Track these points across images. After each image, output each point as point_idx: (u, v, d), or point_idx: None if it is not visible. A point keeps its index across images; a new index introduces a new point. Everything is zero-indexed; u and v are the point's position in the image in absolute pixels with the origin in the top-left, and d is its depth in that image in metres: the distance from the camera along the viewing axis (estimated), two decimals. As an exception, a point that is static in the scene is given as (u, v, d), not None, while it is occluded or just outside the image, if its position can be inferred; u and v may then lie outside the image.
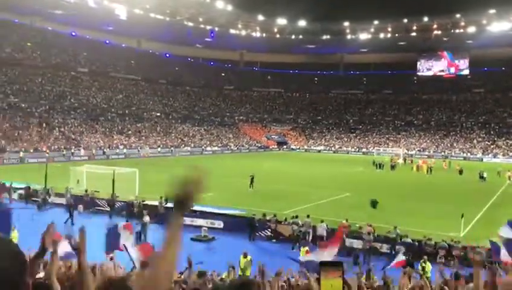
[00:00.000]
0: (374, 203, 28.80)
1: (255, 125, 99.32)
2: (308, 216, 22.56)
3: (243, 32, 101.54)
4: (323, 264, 2.82)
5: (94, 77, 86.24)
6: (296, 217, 22.77)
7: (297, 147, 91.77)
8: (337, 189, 36.04)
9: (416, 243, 20.09)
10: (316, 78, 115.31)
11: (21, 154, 52.86)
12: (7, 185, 29.70)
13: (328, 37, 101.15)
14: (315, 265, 8.15)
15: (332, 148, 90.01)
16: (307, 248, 17.56)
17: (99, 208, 27.18)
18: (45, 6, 78.15)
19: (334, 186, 37.56)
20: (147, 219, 21.67)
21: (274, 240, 22.21)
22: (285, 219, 23.09)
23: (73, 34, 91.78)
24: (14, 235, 13.18)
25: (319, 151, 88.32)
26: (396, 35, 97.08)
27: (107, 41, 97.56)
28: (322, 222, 21.75)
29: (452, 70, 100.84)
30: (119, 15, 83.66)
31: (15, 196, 29.45)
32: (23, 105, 67.04)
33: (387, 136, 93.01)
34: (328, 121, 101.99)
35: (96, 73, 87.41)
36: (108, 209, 26.49)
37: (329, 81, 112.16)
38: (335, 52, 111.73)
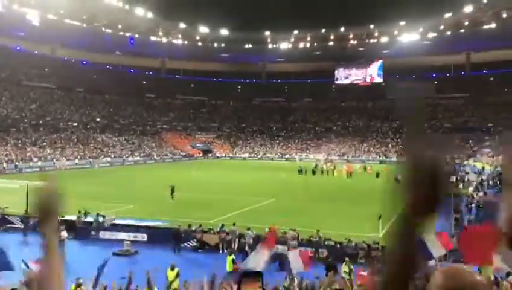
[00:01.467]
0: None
1: (179, 134, 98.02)
2: (234, 224, 22.58)
3: (164, 40, 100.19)
4: (245, 275, 2.80)
5: (4, 86, 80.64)
6: (223, 225, 22.71)
7: (223, 155, 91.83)
8: (262, 195, 36.47)
9: (338, 245, 20.82)
10: (239, 87, 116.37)
11: None
12: None
13: (250, 46, 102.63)
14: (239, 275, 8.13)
15: (257, 156, 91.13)
16: (233, 257, 17.58)
17: (11, 225, 25.34)
18: None
19: (259, 193, 37.96)
20: (64, 234, 20.51)
21: (200, 250, 21.96)
22: (211, 229, 22.94)
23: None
24: None
25: (244, 158, 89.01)
26: (315, 44, 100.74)
27: (18, 48, 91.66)
28: (248, 229, 21.84)
29: (368, 78, 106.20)
30: (31, 20, 79.15)
31: None
32: None
33: (308, 142, 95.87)
34: (252, 129, 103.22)
35: (7, 81, 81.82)
36: (21, 226, 24.77)
37: (252, 90, 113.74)
38: (257, 61, 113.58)
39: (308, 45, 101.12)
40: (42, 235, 1.64)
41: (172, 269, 15.36)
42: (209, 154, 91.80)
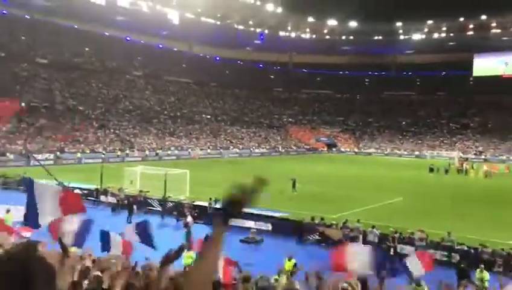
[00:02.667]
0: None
1: (303, 128, 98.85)
2: (358, 221, 22.20)
3: (293, 34, 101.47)
4: None
5: (148, 80, 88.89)
6: (346, 221, 22.47)
7: (347, 150, 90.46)
8: (389, 193, 35.20)
9: (472, 251, 19.30)
10: (366, 80, 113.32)
11: (78, 155, 55.21)
12: (65, 184, 31.07)
13: (380, 37, 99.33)
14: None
15: (384, 152, 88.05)
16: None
17: (151, 207, 27.92)
18: (103, 12, 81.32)
19: (385, 191, 36.73)
20: (189, 219, 22.06)
21: (323, 244, 21.99)
22: (335, 223, 22.81)
23: (128, 39, 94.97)
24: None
25: (370, 154, 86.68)
26: (451, 34, 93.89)
27: (160, 46, 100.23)
28: (373, 227, 21.32)
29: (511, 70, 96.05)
30: (172, 19, 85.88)
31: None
32: (80, 108, 70.06)
33: (441, 138, 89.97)
34: (379, 123, 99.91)
35: (150, 76, 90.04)
36: (160, 209, 27.18)
37: (381, 83, 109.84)
38: (387, 53, 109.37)
39: (443, 34, 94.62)
40: (219, 224, 1.80)
41: (290, 259, 15.68)
42: (334, 149, 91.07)
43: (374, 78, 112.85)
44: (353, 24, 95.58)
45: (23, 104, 62.90)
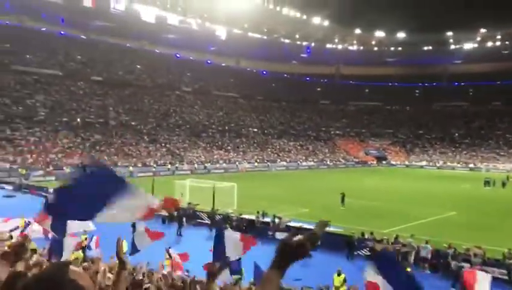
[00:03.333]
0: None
1: (351, 140, 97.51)
2: (411, 236, 21.55)
3: (340, 46, 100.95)
4: None
5: (197, 96, 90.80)
6: (397, 236, 21.89)
7: (398, 163, 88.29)
8: (442, 207, 34.02)
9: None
10: (416, 90, 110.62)
11: (131, 168, 56.91)
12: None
13: (430, 47, 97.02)
14: None
15: (436, 164, 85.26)
16: (408, 269, 16.80)
17: (200, 220, 28.31)
18: (153, 31, 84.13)
19: (438, 205, 35.52)
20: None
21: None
22: (386, 238, 22.26)
23: (178, 55, 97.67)
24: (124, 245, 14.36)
25: (421, 167, 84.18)
26: (507, 42, 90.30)
27: (209, 61, 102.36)
28: (426, 243, 20.63)
29: None
30: (220, 35, 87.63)
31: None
32: (133, 123, 72.40)
33: (497, 150, 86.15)
34: (431, 135, 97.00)
35: (199, 92, 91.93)
36: (208, 222, 27.51)
37: (432, 93, 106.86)
38: (437, 63, 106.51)
39: (498, 43, 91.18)
40: (275, 271, 1.70)
41: (339, 274, 15.44)
42: (384, 162, 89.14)
43: (424, 89, 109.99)
44: (401, 35, 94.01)
45: (78, 119, 65.82)
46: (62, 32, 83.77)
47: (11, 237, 13.64)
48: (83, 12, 76.95)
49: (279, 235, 24.59)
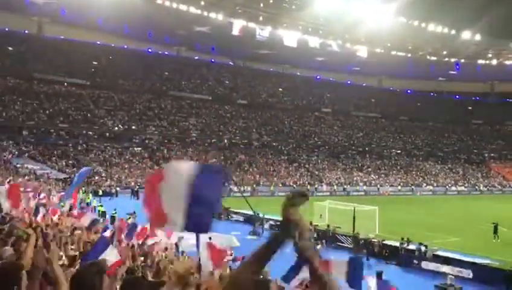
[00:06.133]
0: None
1: (509, 164, 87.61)
2: None
3: (494, 62, 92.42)
4: None
5: (336, 116, 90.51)
6: None
7: None
8: None
9: None
10: None
11: (272, 188, 58.60)
12: (260, 215, 33.18)
13: None
14: None
15: None
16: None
17: (340, 243, 27.83)
18: (295, 54, 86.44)
19: None
20: (318, 247, 23.38)
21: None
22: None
23: (318, 77, 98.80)
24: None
25: None
26: None
27: (349, 82, 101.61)
28: None
29: None
30: (361, 55, 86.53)
31: (267, 225, 32.64)
32: (274, 144, 74.78)
33: None
34: None
35: (338, 112, 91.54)
36: (349, 245, 26.91)
37: None
38: None
39: None
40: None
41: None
42: (550, 189, 78.30)
43: None
44: None
45: (225, 140, 70.14)
46: (212, 60, 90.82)
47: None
48: (231, 41, 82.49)
49: (426, 265, 23.02)
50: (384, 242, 25.66)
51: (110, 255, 6.62)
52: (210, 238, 16.58)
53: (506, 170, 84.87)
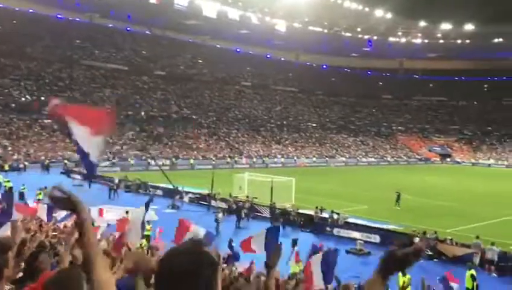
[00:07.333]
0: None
1: (414, 136, 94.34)
2: (477, 237, 20.66)
3: (403, 40, 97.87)
4: None
5: (256, 90, 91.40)
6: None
7: (463, 161, 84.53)
8: (510, 208, 32.26)
9: None
10: (485, 85, 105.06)
11: (191, 161, 58.34)
12: (180, 189, 33.07)
13: (501, 40, 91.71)
14: None
15: (505, 163, 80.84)
16: (473, 271, 16.10)
17: (258, 213, 28.59)
18: (214, 25, 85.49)
19: (506, 205, 33.71)
20: (220, 215, 24.39)
21: (436, 260, 20.81)
22: (449, 238, 21.50)
23: (238, 50, 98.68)
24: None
25: (489, 165, 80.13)
26: None
27: (268, 56, 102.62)
28: (492, 244, 19.72)
29: None
30: (280, 30, 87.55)
31: (186, 199, 32.64)
32: (194, 117, 74.09)
33: None
34: (500, 132, 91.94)
35: (258, 86, 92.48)
36: (267, 215, 27.76)
37: (502, 88, 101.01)
38: (508, 57, 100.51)
39: None
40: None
41: (404, 274, 15.01)
42: (448, 159, 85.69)
43: (493, 84, 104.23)
44: (469, 27, 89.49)
45: (142, 113, 68.26)
46: (128, 28, 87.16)
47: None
48: (148, 9, 79.50)
49: (337, 232, 24.39)
50: (299, 211, 26.74)
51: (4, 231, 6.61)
52: (127, 212, 16.24)
53: (411, 142, 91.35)
